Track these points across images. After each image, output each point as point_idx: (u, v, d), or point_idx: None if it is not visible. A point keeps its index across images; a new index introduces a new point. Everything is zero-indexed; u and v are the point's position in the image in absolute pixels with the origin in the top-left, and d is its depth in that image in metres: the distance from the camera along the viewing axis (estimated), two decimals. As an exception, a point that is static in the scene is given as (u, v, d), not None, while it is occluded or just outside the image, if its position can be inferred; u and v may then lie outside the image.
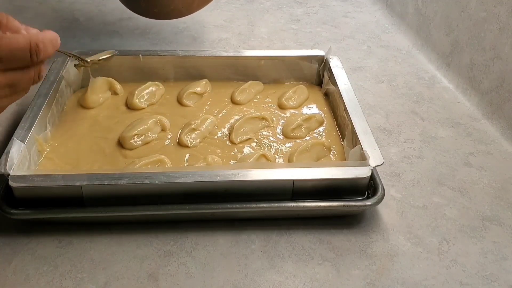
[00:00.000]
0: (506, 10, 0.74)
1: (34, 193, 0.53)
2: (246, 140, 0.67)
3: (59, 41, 0.52)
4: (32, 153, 0.59)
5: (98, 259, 0.52)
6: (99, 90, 0.73)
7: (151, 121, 0.67)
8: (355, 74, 0.88)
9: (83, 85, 0.75)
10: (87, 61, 0.67)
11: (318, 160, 0.64)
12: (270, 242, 0.55)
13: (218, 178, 0.54)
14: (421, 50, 0.96)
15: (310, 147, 0.64)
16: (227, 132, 0.69)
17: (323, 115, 0.73)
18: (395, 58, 0.94)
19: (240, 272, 0.51)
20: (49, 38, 0.51)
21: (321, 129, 0.70)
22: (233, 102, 0.75)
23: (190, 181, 0.53)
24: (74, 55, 0.65)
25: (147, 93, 0.74)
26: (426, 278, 0.52)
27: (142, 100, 0.73)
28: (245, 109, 0.74)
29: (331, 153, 0.66)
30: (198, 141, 0.66)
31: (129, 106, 0.72)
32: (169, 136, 0.67)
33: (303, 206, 0.55)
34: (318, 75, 0.79)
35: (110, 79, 0.75)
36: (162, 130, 0.68)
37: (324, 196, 0.56)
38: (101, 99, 0.73)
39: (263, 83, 0.78)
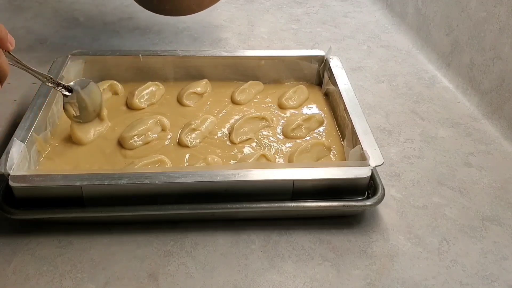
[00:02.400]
0: (506, 10, 0.74)
1: (34, 193, 0.53)
2: (246, 140, 0.67)
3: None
4: (32, 153, 0.59)
5: (98, 259, 0.52)
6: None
7: (151, 121, 0.67)
8: (355, 74, 0.88)
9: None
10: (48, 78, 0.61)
11: (318, 160, 0.64)
12: (270, 242, 0.55)
13: (218, 178, 0.54)
14: (421, 50, 0.96)
15: (310, 147, 0.64)
16: (227, 132, 0.68)
17: (323, 115, 0.73)
18: (395, 58, 0.94)
19: (240, 272, 0.51)
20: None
21: (321, 129, 0.70)
22: (233, 102, 0.75)
23: (190, 181, 0.53)
24: (34, 71, 0.58)
25: (147, 93, 0.74)
26: (426, 278, 0.52)
27: (142, 100, 0.73)
28: (245, 109, 0.74)
29: (331, 153, 0.66)
30: (198, 141, 0.66)
31: (129, 106, 0.72)
32: (169, 136, 0.67)
33: (303, 206, 0.55)
34: (318, 75, 0.79)
35: (111, 81, 0.75)
36: (162, 130, 0.68)
37: (324, 196, 0.56)
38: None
39: (263, 83, 0.78)
